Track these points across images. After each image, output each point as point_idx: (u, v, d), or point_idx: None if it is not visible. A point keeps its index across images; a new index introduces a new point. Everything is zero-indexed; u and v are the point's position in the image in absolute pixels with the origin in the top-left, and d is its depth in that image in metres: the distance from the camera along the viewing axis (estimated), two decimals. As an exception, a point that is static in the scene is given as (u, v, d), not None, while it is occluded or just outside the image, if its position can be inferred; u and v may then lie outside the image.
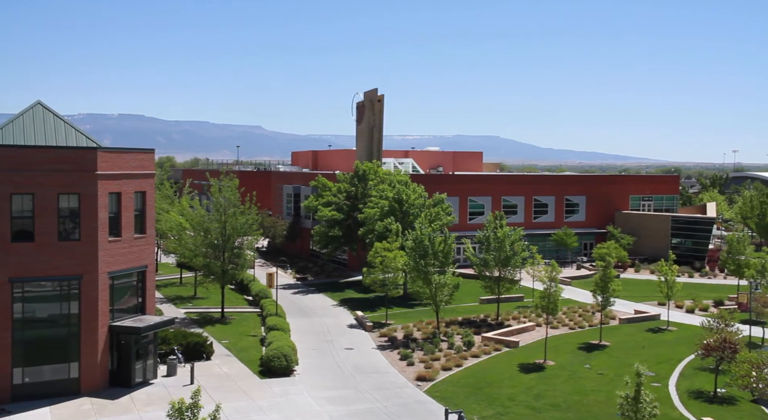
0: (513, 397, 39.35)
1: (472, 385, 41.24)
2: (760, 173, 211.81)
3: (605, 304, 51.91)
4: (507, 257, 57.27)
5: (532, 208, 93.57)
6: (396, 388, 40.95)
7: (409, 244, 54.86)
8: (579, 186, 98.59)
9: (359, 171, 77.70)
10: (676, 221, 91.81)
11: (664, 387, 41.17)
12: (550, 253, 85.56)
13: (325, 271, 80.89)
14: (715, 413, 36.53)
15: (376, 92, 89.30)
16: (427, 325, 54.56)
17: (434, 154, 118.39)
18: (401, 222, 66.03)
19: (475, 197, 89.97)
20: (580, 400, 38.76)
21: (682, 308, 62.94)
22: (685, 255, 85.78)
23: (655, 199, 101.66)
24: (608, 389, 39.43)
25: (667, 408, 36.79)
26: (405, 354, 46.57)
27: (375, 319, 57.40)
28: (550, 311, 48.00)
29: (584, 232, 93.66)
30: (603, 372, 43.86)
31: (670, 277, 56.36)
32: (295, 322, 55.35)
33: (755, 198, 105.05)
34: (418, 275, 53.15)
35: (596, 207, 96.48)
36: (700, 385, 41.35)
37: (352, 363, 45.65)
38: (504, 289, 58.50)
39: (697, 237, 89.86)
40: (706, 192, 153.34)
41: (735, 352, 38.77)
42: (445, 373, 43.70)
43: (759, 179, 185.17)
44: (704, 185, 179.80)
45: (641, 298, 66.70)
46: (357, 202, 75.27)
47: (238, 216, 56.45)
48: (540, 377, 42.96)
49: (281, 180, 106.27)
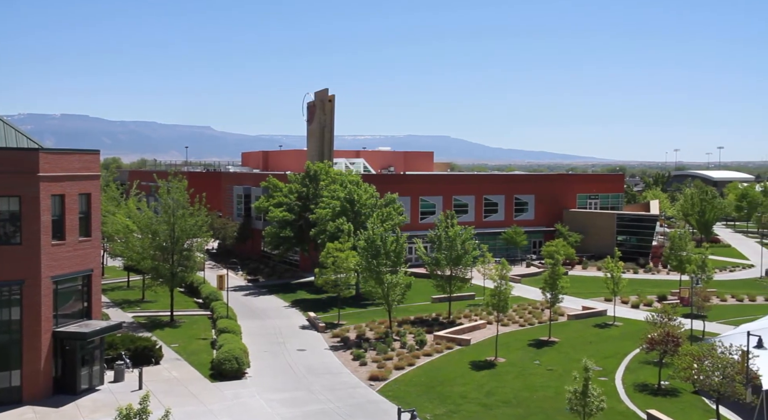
0: (465, 394, 39.74)
1: (424, 384, 41.50)
2: (700, 172, 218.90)
3: (554, 301, 52.86)
4: (458, 256, 57.79)
5: (482, 207, 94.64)
6: (349, 388, 40.92)
7: (361, 244, 54.88)
8: (528, 185, 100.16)
9: (310, 171, 77.35)
10: (622, 219, 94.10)
11: (610, 381, 42.17)
12: (501, 252, 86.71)
13: (277, 273, 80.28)
14: (659, 405, 37.57)
15: (326, 92, 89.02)
16: (380, 325, 54.66)
17: (386, 154, 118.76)
18: (353, 222, 65.98)
19: (426, 197, 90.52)
20: (530, 396, 39.39)
21: (627, 304, 64.52)
22: (630, 252, 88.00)
23: (601, 198, 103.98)
24: (557, 384, 40.17)
25: (613, 401, 37.68)
26: (358, 354, 46.57)
27: (327, 319, 57.24)
28: (500, 309, 48.62)
29: (533, 230, 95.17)
30: (552, 368, 44.66)
31: (616, 274, 57.75)
32: (247, 324, 54.78)
33: (695, 196, 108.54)
34: (371, 275, 53.21)
35: (545, 205, 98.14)
36: (645, 378, 42.48)
37: (304, 364, 45.43)
38: (455, 287, 59.01)
39: (641, 234, 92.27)
40: (650, 190, 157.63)
41: (677, 346, 39.92)
42: (398, 372, 43.86)
43: (699, 177, 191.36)
44: (648, 183, 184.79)
45: (589, 295, 68.14)
46: (308, 203, 74.92)
47: (187, 217, 55.57)
48: (491, 374, 43.50)
49: (231, 181, 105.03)
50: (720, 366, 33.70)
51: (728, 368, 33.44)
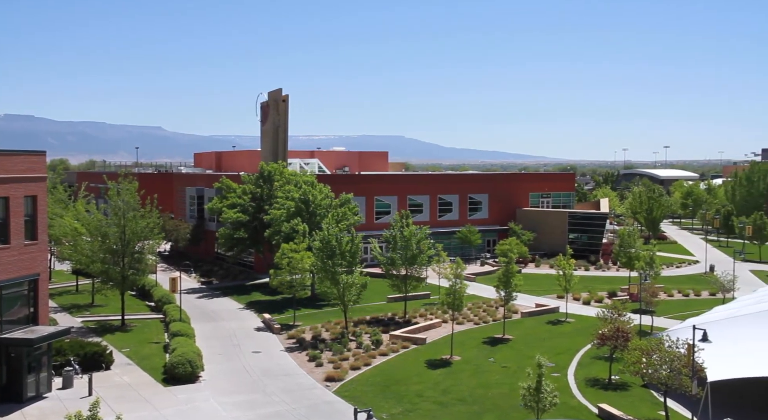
0: (421, 393, 39.97)
1: (380, 384, 41.59)
2: (648, 170, 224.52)
3: (508, 298, 53.52)
4: (413, 255, 58.07)
5: (437, 207, 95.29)
6: (305, 389, 40.75)
7: (316, 245, 54.69)
8: (481, 184, 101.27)
9: (264, 172, 76.74)
10: (573, 217, 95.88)
11: (563, 376, 42.93)
12: (455, 251, 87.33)
13: (231, 274, 79.42)
14: (609, 399, 38.41)
15: (280, 92, 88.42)
16: (336, 326, 54.56)
17: (340, 154, 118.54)
18: (308, 223, 65.70)
19: (381, 197, 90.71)
20: (485, 394, 39.83)
21: (579, 300, 65.75)
22: (581, 249, 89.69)
23: (553, 196, 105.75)
24: (511, 381, 40.70)
25: (566, 396, 38.38)
26: (313, 355, 46.40)
27: (283, 321, 56.87)
28: (455, 307, 49.01)
29: (487, 229, 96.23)
30: (506, 365, 45.24)
31: (568, 271, 58.78)
32: (201, 327, 54.06)
33: (643, 194, 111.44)
34: (326, 276, 53.07)
35: (498, 205, 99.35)
36: (596, 373, 43.38)
37: (259, 366, 45.05)
38: (411, 287, 59.28)
39: (592, 232, 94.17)
40: (600, 189, 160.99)
41: (627, 341, 40.85)
42: (354, 372, 43.86)
43: (647, 176, 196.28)
44: (598, 182, 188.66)
45: (541, 292, 69.21)
46: (263, 204, 74.31)
47: (138, 219, 54.54)
48: (447, 372, 43.84)
49: (184, 182, 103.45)
50: (667, 360, 34.60)
51: (675, 362, 34.36)
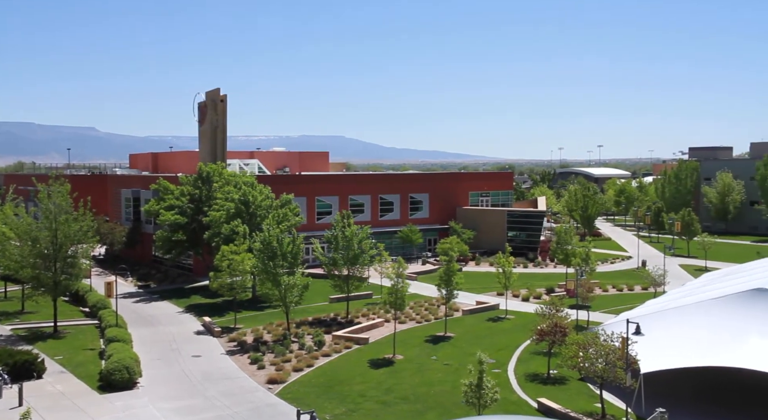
0: (364, 393, 39.99)
1: (323, 385, 41.44)
2: (583, 169, 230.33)
3: (449, 297, 54.07)
4: (355, 255, 58.07)
5: (378, 207, 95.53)
6: (246, 392, 40.25)
7: (257, 246, 54.09)
8: (422, 184, 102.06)
9: (203, 173, 75.46)
10: (512, 215, 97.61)
11: (503, 372, 43.64)
12: (397, 250, 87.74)
13: (170, 278, 77.79)
14: (548, 393, 39.25)
15: (218, 92, 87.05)
16: (278, 327, 54.09)
17: (280, 155, 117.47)
18: (248, 224, 64.91)
19: (322, 197, 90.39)
20: (428, 391, 40.14)
21: (518, 297, 66.97)
22: (520, 247, 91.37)
23: (492, 195, 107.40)
24: (454, 379, 41.14)
25: (507, 392, 39.03)
26: (255, 358, 45.88)
27: (223, 324, 56.02)
28: (397, 307, 49.22)
29: (428, 228, 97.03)
30: (448, 362, 45.70)
31: (507, 269, 59.80)
32: (138, 332, 52.77)
33: (579, 192, 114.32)
34: (267, 277, 52.55)
35: (439, 204, 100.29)
36: (536, 368, 44.26)
37: (200, 370, 44.26)
38: (353, 287, 59.26)
39: (530, 229, 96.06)
40: (537, 187, 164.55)
41: (565, 336, 41.81)
42: (297, 374, 43.57)
43: (582, 174, 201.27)
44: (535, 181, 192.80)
45: (482, 290, 70.19)
46: (201, 205, 73.05)
47: (71, 223, 52.84)
48: (390, 372, 44.00)
49: (119, 184, 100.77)
50: (603, 353, 35.55)
51: (610, 355, 35.33)
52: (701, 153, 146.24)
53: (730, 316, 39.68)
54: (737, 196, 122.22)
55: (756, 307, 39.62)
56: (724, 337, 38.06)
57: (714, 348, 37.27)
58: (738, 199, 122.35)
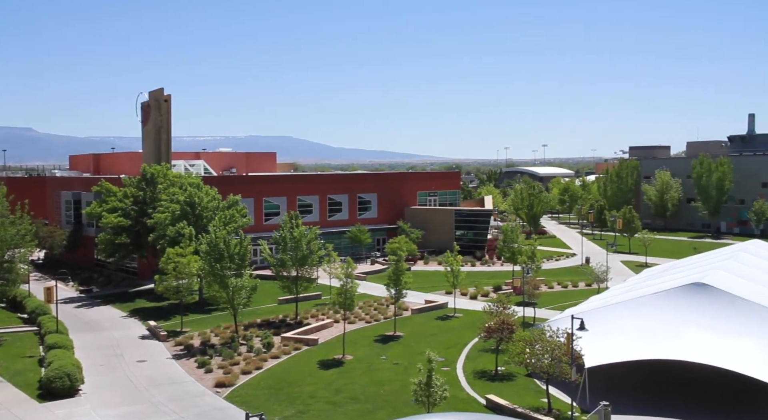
0: (314, 394, 39.83)
1: (273, 387, 41.10)
2: (528, 168, 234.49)
3: (398, 296, 54.30)
4: (304, 256, 57.78)
5: (326, 207, 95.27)
6: (194, 397, 39.60)
7: (203, 248, 53.28)
8: (370, 184, 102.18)
9: (147, 174, 73.94)
10: (459, 214, 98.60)
11: (452, 370, 44.05)
12: (346, 250, 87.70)
13: (113, 282, 75.96)
14: (496, 390, 39.81)
15: (162, 92, 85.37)
16: (226, 330, 53.40)
17: (227, 156, 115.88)
18: (194, 226, 63.90)
19: (270, 198, 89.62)
20: (377, 391, 40.23)
21: (466, 295, 67.67)
22: (467, 245, 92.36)
23: (440, 195, 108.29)
24: (403, 378, 41.33)
25: (456, 390, 39.42)
26: (203, 361, 45.19)
27: (169, 327, 55.00)
28: (347, 307, 49.18)
29: (377, 228, 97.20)
30: (398, 361, 45.89)
31: (455, 267, 60.39)
32: (80, 338, 51.36)
33: (524, 191, 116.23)
34: (214, 279, 51.79)
35: (387, 203, 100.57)
36: (484, 366, 44.82)
37: (145, 376, 43.35)
38: (302, 288, 58.97)
39: (477, 228, 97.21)
40: (484, 186, 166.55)
41: (512, 332, 42.49)
42: (246, 376, 43.10)
43: (527, 173, 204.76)
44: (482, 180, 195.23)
45: (430, 289, 70.69)
46: (146, 207, 71.55)
47: (7, 227, 51.13)
48: (339, 372, 43.93)
49: (58, 186, 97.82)
50: (549, 349, 36.26)
51: (556, 350, 36.05)
52: (641, 152, 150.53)
53: (669, 310, 40.95)
54: (675, 194, 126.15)
55: (694, 301, 40.99)
56: (665, 331, 39.26)
57: (655, 341, 38.42)
58: (676, 197, 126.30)
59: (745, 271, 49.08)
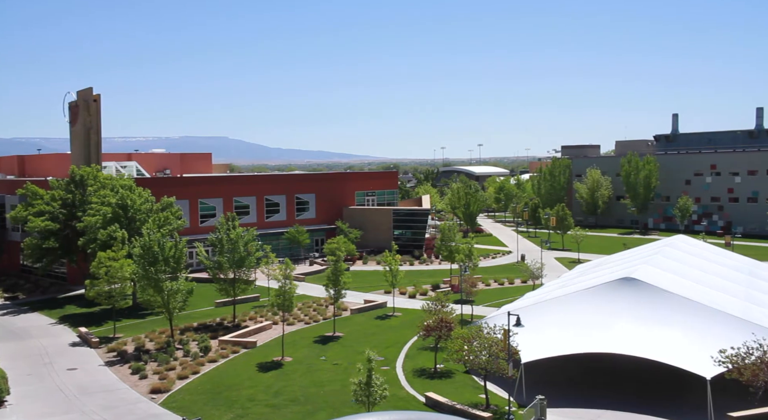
0: (253, 397, 39.37)
1: (210, 391, 40.43)
2: (464, 167, 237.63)
3: (337, 296, 54.21)
4: (241, 258, 57.06)
5: (264, 208, 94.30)
6: (128, 404, 38.58)
7: (136, 252, 51.94)
8: (308, 184, 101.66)
9: (76, 176, 71.59)
10: (397, 214, 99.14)
11: (392, 369, 44.26)
12: (284, 251, 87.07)
13: (41, 288, 73.24)
14: (436, 387, 40.22)
15: (91, 91, 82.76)
16: (161, 335, 52.25)
17: (160, 157, 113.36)
18: (127, 229, 62.26)
19: (205, 199, 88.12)
20: (317, 392, 40.07)
21: (405, 294, 68.10)
22: (406, 245, 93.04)
23: (378, 194, 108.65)
24: (343, 378, 41.30)
25: (395, 388, 39.63)
26: (137, 367, 44.07)
27: (102, 333, 53.43)
28: (285, 308, 48.81)
29: (315, 228, 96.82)
30: (338, 362, 45.82)
31: (394, 267, 60.68)
32: (6, 347, 49.39)
33: (461, 190, 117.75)
34: (149, 283, 50.58)
35: (325, 204, 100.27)
36: (423, 364, 45.20)
37: (76, 384, 41.98)
38: (239, 290, 58.19)
39: (415, 228, 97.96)
40: (421, 186, 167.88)
41: (450, 330, 42.98)
42: (182, 382, 42.24)
43: (463, 173, 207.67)
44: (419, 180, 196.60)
45: (369, 288, 70.86)
46: (75, 210, 69.29)
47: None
48: (279, 374, 43.56)
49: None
50: (486, 345, 36.84)
51: (493, 347, 36.66)
52: (572, 151, 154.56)
53: (601, 305, 42.21)
54: (605, 192, 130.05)
55: (624, 295, 42.36)
56: (597, 325, 40.45)
57: (588, 335, 39.53)
58: (606, 194, 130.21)
59: (671, 266, 51.04)
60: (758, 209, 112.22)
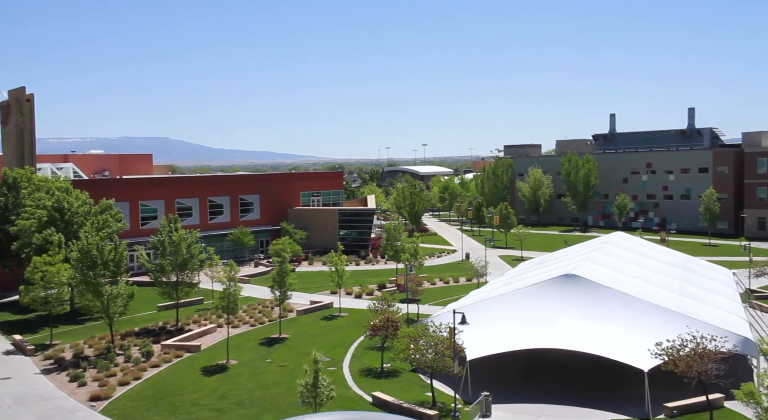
0: (197, 401, 38.71)
1: (153, 397, 39.57)
2: (409, 167, 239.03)
3: (283, 298, 53.81)
4: (184, 261, 56.06)
5: (207, 210, 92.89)
6: (66, 413, 37.42)
7: (74, 256, 50.45)
8: (252, 185, 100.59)
9: (9, 179, 69.07)
10: (343, 214, 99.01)
11: (339, 370, 44.16)
12: (228, 253, 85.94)
13: (-28, 294, 70.37)
14: (382, 387, 40.31)
15: (23, 91, 79.96)
16: (101, 341, 50.90)
17: (99, 158, 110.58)
18: (64, 232, 60.40)
19: (146, 201, 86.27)
20: (263, 395, 39.67)
21: (351, 294, 68.07)
22: (351, 245, 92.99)
23: (323, 195, 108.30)
24: (289, 380, 41.00)
25: (342, 389, 39.55)
26: (75, 374, 42.80)
27: (37, 341, 51.69)
28: (230, 311, 48.18)
29: (260, 229, 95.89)
30: (284, 364, 45.46)
31: (340, 267, 60.59)
32: (-65, 357, 47.22)
33: (406, 190, 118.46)
34: (87, 288, 49.20)
35: (270, 205, 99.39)
36: (370, 363, 45.24)
37: (10, 394, 40.47)
38: (183, 293, 57.19)
39: (360, 228, 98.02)
40: (367, 186, 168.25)
41: (396, 329, 43.15)
42: (123, 388, 41.24)
43: (408, 172, 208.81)
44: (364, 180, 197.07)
45: (316, 289, 70.55)
46: (8, 214, 66.82)
47: None
48: (224, 378, 42.95)
49: None
50: (432, 344, 37.12)
51: (439, 345, 36.97)
52: (515, 150, 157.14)
53: (544, 301, 43.04)
54: (546, 190, 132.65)
55: (565, 292, 43.29)
56: (539, 321, 41.22)
57: (531, 331, 40.25)
58: (547, 193, 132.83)
59: (610, 262, 52.45)
60: (691, 206, 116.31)
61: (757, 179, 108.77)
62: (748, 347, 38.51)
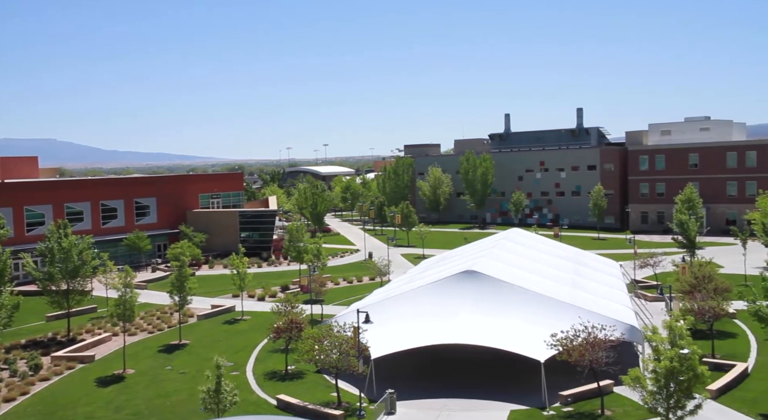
0: (91, 414, 37.02)
1: (42, 412, 37.51)
2: (310, 167, 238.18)
3: (183, 303, 52.32)
4: (75, 268, 53.48)
5: (99, 214, 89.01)
6: (-54, 435, 34.92)
7: (-50, 266, 47.03)
8: (148, 187, 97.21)
9: None
10: (244, 216, 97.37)
11: (242, 374, 43.40)
12: (123, 259, 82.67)
13: None
14: (287, 389, 39.95)
15: None
16: (-17, 356, 47.71)
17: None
18: (-62, 240, 56.15)
19: (32, 206, 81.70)
20: (163, 403, 38.43)
21: (254, 297, 67.05)
22: (253, 247, 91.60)
23: (223, 196, 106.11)
24: (191, 387, 39.92)
25: (246, 393, 38.90)
26: (-45, 393, 39.95)
27: None
28: (126, 318, 46.36)
29: (157, 233, 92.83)
30: (185, 371, 44.22)
31: (242, 270, 59.54)
32: None
33: (308, 190, 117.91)
34: (-33, 300, 45.94)
35: (167, 207, 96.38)
36: (274, 366, 44.72)
37: None
38: (74, 302, 54.55)
39: (262, 229, 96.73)
40: (268, 187, 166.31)
41: (300, 331, 42.85)
42: (9, 404, 38.89)
43: (310, 173, 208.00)
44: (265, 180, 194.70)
45: (217, 293, 69.04)
46: None
47: None
48: (120, 388, 41.30)
49: None
50: (336, 344, 37.14)
51: (344, 345, 37.03)
52: (415, 150, 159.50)
53: (445, 298, 43.93)
54: (446, 189, 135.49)
55: (465, 288, 44.39)
56: (442, 317, 42.06)
57: (433, 328, 41.00)
58: (447, 191, 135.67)
59: (507, 257, 54.21)
60: (581, 202, 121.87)
61: (639, 175, 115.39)
62: (634, 335, 40.80)
